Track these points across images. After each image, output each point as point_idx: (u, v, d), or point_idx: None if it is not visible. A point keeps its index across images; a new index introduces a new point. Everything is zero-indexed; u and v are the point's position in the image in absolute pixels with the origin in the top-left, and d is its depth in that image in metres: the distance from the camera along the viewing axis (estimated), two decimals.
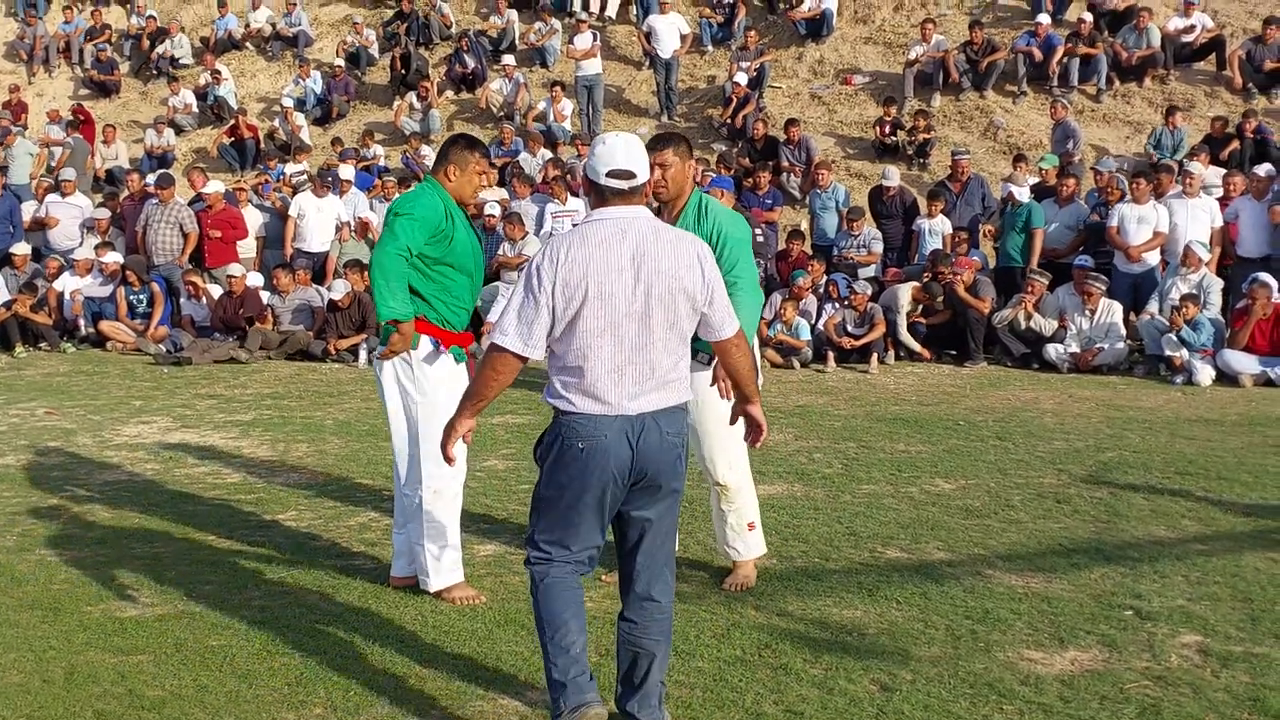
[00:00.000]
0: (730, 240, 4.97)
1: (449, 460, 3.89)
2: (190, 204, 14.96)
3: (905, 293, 12.37)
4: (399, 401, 5.10)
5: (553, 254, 3.63)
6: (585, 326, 3.60)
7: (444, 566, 5.09)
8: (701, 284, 3.68)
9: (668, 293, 3.62)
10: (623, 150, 3.68)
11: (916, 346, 12.25)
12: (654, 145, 4.95)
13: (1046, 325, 11.76)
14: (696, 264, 3.68)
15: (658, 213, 5.05)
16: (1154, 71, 16.70)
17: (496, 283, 13.14)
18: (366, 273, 5.20)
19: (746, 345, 3.97)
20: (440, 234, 4.97)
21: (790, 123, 16.12)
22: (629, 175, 3.66)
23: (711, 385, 4.89)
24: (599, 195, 3.71)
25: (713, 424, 5.17)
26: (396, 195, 12.00)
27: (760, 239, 12.93)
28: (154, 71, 22.22)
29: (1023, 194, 12.70)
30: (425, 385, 5.02)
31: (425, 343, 5.01)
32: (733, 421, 4.12)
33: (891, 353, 12.16)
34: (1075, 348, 11.60)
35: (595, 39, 18.45)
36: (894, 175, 14.12)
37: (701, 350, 4.89)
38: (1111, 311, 11.68)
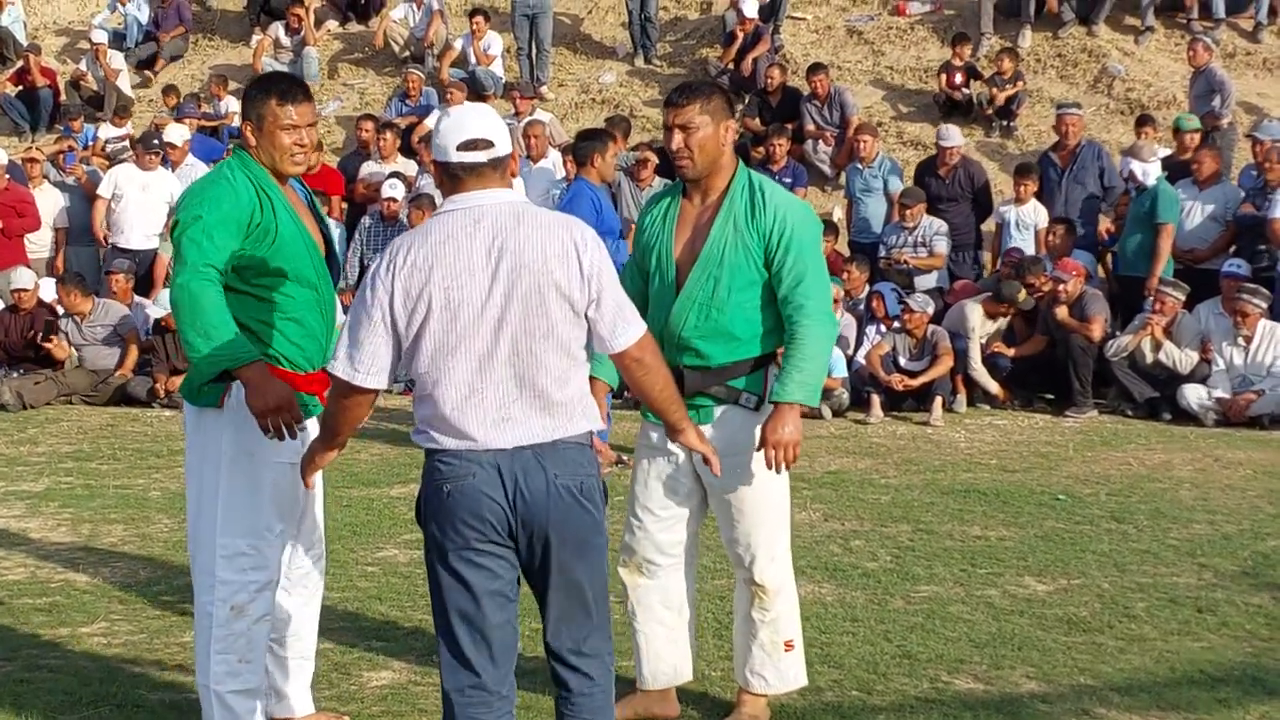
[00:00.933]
0: (796, 243, 4.97)
1: (307, 486, 4.41)
2: None
3: (976, 312, 12.44)
4: (199, 464, 4.96)
5: (390, 258, 4.02)
6: (434, 343, 3.98)
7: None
8: (579, 279, 4.00)
9: (534, 291, 3.96)
10: (473, 116, 4.11)
11: (994, 387, 12.33)
12: (673, 99, 5.04)
13: (1183, 359, 11.83)
14: (571, 252, 4.01)
15: (687, 197, 5.16)
16: None
17: None
18: None
19: (656, 357, 4.29)
20: (254, 230, 4.81)
21: (815, 69, 16.23)
22: (485, 144, 4.04)
23: (758, 449, 4.98)
24: (450, 179, 4.09)
25: (752, 498, 5.18)
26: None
27: None
28: None
29: (1148, 173, 12.75)
30: (234, 440, 4.83)
31: (238, 389, 4.78)
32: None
33: (962, 396, 12.24)
34: (1223, 391, 11.69)
35: None
36: (954, 135, 14.25)
37: (748, 390, 5.05)
38: (1275, 340, 11.78)
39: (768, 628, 5.27)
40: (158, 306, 13.35)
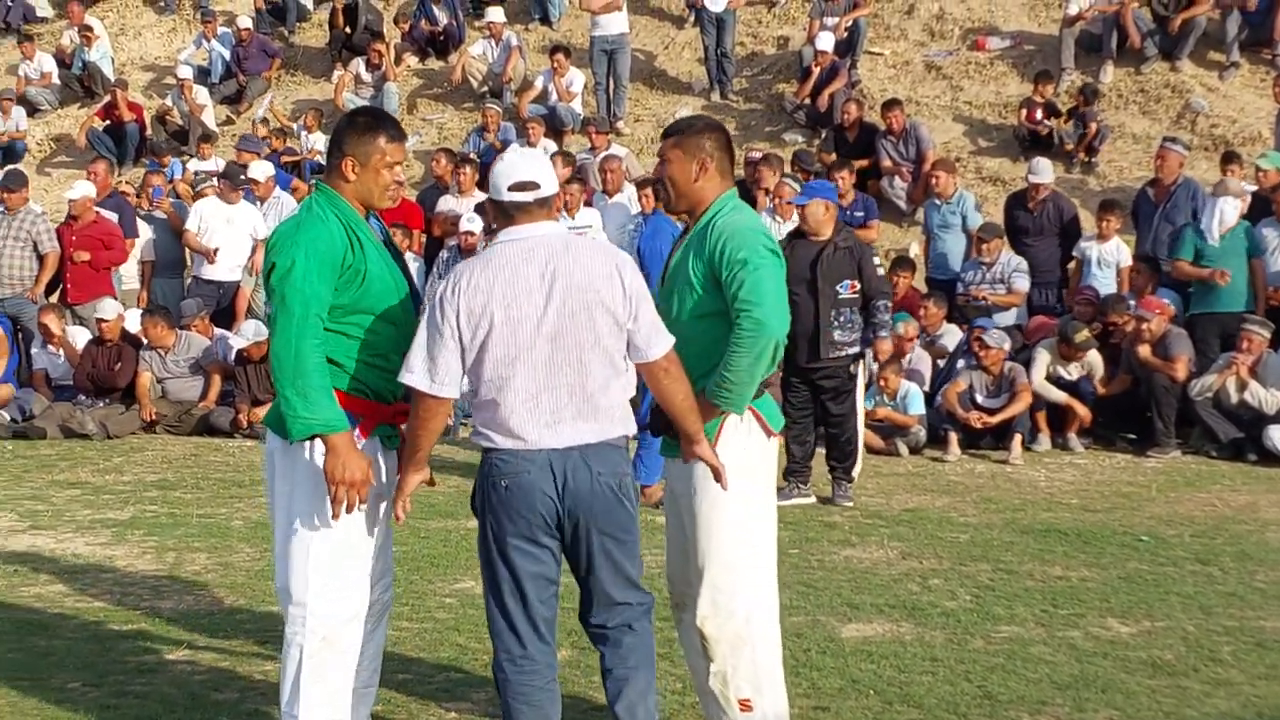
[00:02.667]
0: (732, 259, 4.98)
1: (398, 518, 4.86)
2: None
3: (1044, 358, 12.34)
4: (287, 497, 4.99)
5: (454, 281, 4.59)
6: (495, 355, 4.55)
7: None
8: (622, 296, 4.60)
9: (583, 308, 4.55)
10: (523, 161, 4.72)
11: (1061, 396, 12.18)
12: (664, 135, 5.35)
13: (1268, 399, 11.73)
14: (614, 274, 4.61)
15: (685, 232, 5.34)
16: None
17: None
18: None
19: (680, 369, 4.81)
20: (346, 272, 4.85)
21: (891, 104, 16.22)
22: (532, 186, 4.63)
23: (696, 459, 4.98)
24: (504, 215, 4.70)
25: (697, 535, 5.11)
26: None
27: None
28: (2, 26, 22.65)
29: (1232, 210, 12.66)
30: (322, 479, 4.84)
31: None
32: (685, 461, 5.02)
33: (1045, 435, 12.16)
34: None
35: None
36: (1045, 170, 14.15)
37: (730, 406, 5.00)
38: None
39: (716, 679, 5.11)
40: (239, 338, 13.50)
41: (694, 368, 4.92)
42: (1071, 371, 12.28)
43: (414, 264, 14.39)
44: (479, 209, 14.97)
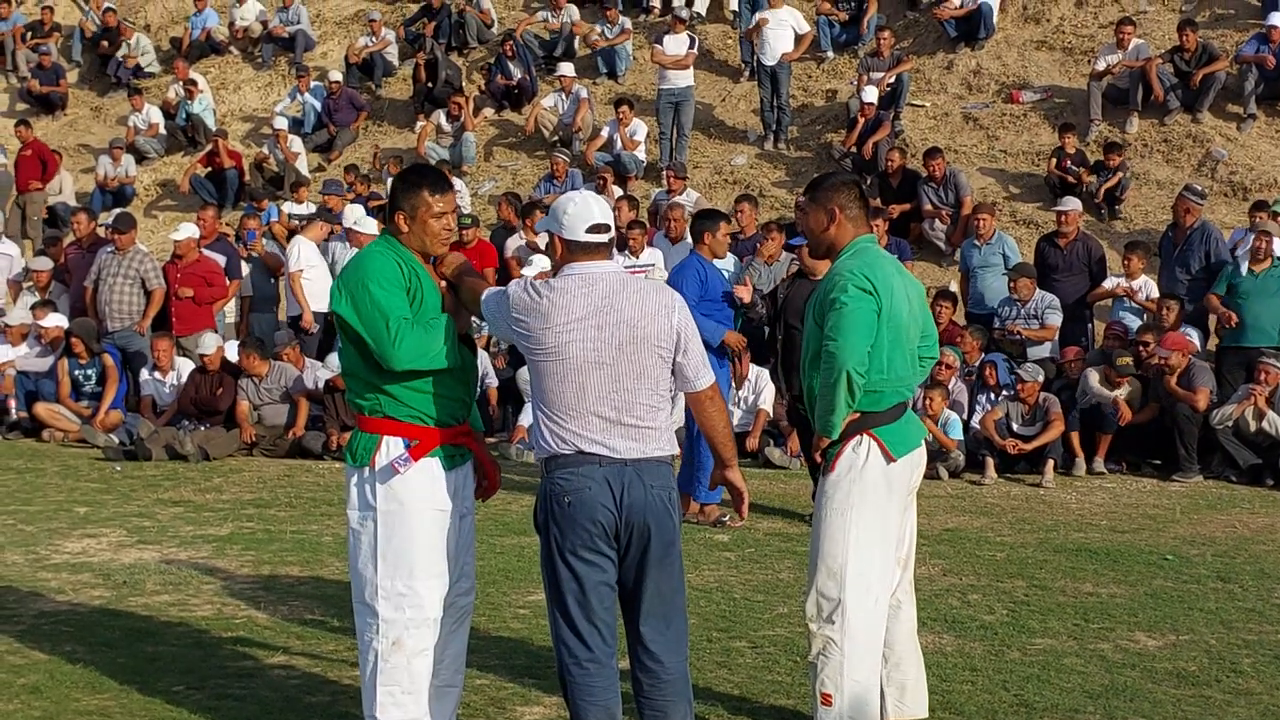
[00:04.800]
0: (827, 303, 5.23)
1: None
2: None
3: (1094, 375, 12.37)
4: (358, 513, 5.10)
5: (527, 293, 4.73)
6: (554, 380, 4.72)
7: None
8: (669, 333, 4.79)
9: (632, 342, 4.71)
10: (597, 205, 4.85)
11: (1110, 395, 12.16)
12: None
13: None
14: (663, 313, 4.79)
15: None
16: None
17: None
18: None
19: (721, 400, 5.06)
20: (409, 294, 5.00)
21: (932, 153, 16.23)
22: (605, 229, 4.82)
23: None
24: (572, 251, 4.82)
25: (813, 530, 5.36)
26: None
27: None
28: (111, 82, 22.97)
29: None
30: (388, 493, 5.01)
31: (389, 446, 5.01)
32: (711, 487, 5.39)
33: (1081, 460, 12.09)
34: None
35: (692, 44, 18.77)
36: (1073, 202, 14.33)
37: (820, 429, 5.21)
38: None
39: (810, 669, 5.30)
40: (327, 369, 13.61)
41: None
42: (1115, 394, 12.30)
43: None
44: (546, 249, 15.05)
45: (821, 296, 5.25)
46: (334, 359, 13.20)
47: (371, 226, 14.59)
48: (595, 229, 4.78)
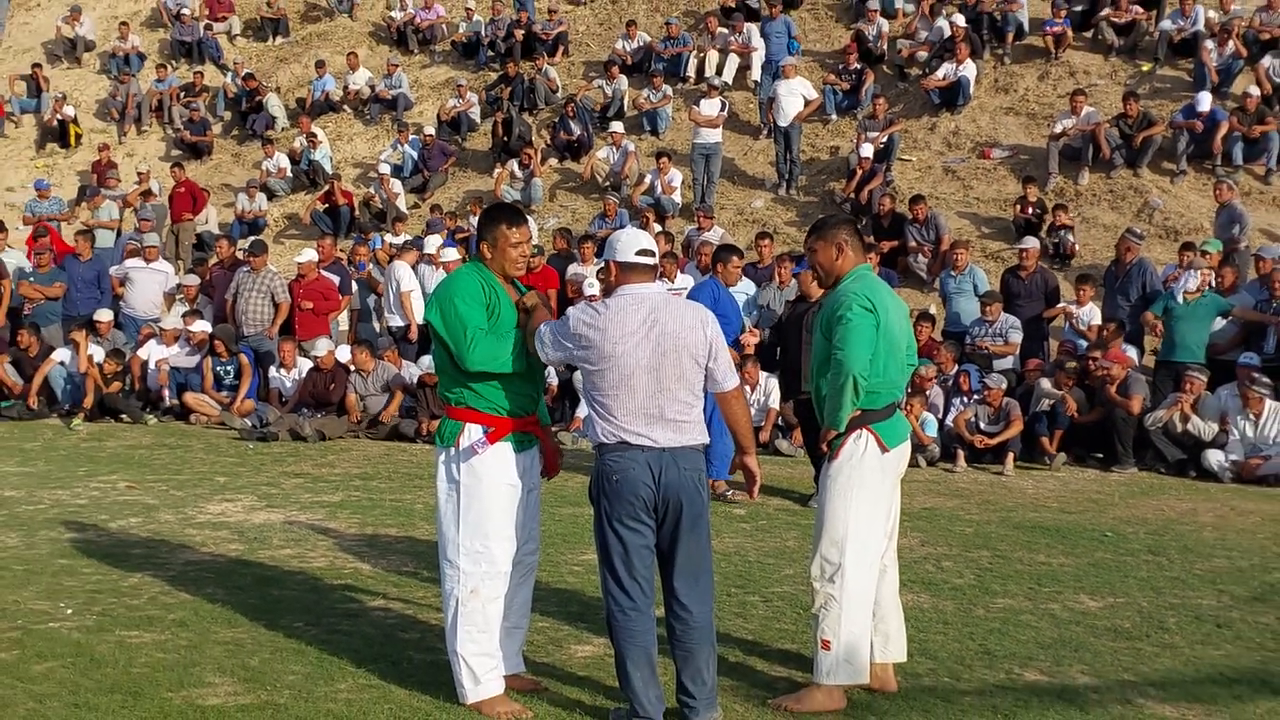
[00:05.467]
0: (834, 319, 5.25)
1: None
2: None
3: (1047, 382, 12.32)
4: (445, 485, 5.17)
5: (585, 314, 4.81)
6: (606, 382, 4.76)
7: (480, 677, 5.10)
8: (704, 343, 4.84)
9: (673, 350, 4.76)
10: (644, 235, 4.97)
11: (1058, 393, 12.09)
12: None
13: (1206, 429, 11.56)
14: (699, 326, 4.84)
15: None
16: None
17: None
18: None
19: (744, 399, 5.09)
20: (487, 310, 5.09)
21: (916, 199, 16.18)
22: (651, 254, 4.90)
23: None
24: (624, 273, 4.88)
25: (818, 505, 5.36)
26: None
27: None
28: (248, 133, 23.16)
29: (1194, 282, 12.57)
30: (468, 469, 5.08)
31: (471, 431, 5.09)
32: (731, 472, 5.46)
33: (1057, 455, 12.00)
34: (1238, 455, 11.38)
35: (723, 107, 18.77)
36: (1031, 240, 14.31)
37: (829, 423, 5.22)
38: (1278, 416, 11.44)
39: (812, 619, 5.30)
40: (418, 367, 13.65)
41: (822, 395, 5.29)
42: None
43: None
44: (600, 274, 15.12)
45: (829, 314, 5.25)
46: (425, 359, 13.28)
47: (452, 254, 14.67)
48: (643, 253, 4.87)
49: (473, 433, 5.09)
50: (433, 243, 15.74)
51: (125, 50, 24.90)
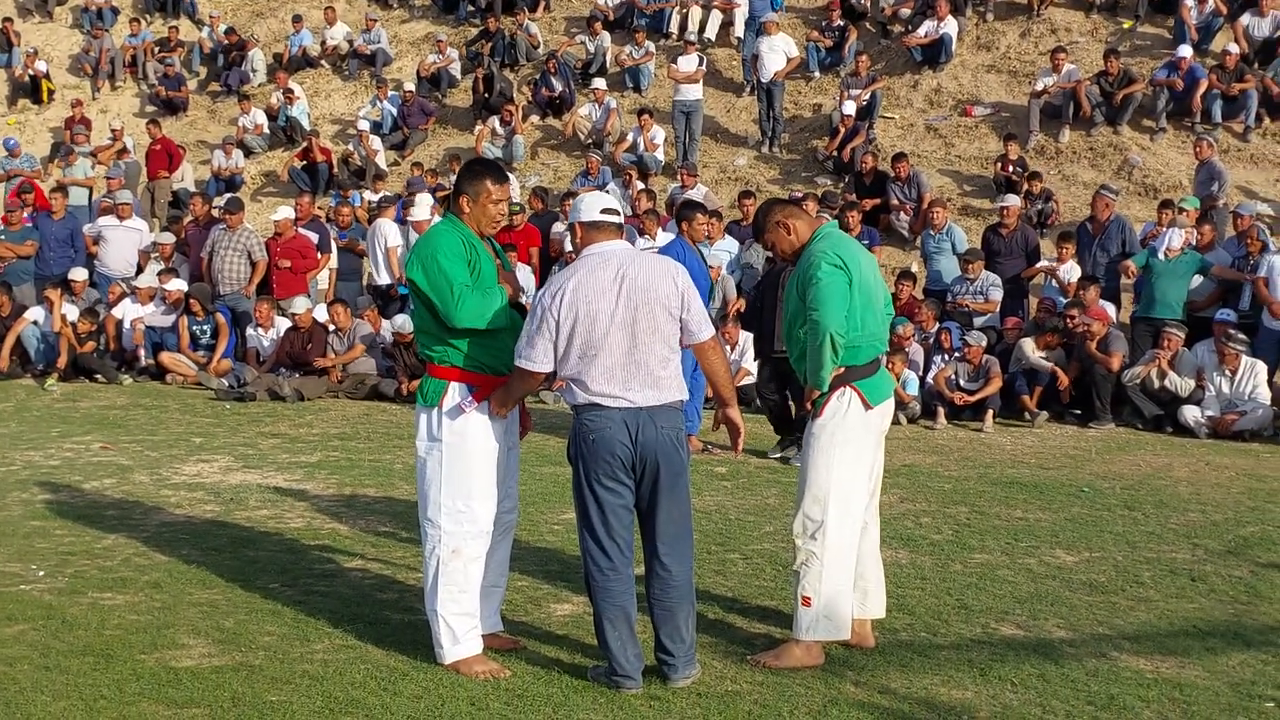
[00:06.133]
0: (806, 280, 5.21)
1: (500, 413, 5.00)
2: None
3: (1029, 344, 12.30)
4: (426, 444, 5.12)
5: (552, 285, 4.77)
6: (581, 341, 4.70)
7: (460, 636, 5.09)
8: (676, 295, 4.78)
9: (646, 305, 4.72)
10: (607, 196, 4.97)
11: (1047, 365, 12.05)
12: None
13: (1182, 385, 11.59)
14: (670, 279, 4.79)
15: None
16: None
17: None
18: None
19: (721, 350, 5.05)
20: (470, 266, 5.04)
21: (898, 157, 16.13)
22: (616, 212, 4.90)
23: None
24: (589, 232, 4.86)
25: (801, 462, 5.35)
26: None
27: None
28: (224, 89, 22.93)
29: (1177, 239, 12.49)
30: (452, 428, 5.05)
31: (455, 391, 5.05)
32: (714, 427, 5.44)
33: (1043, 415, 11.98)
34: (1214, 411, 11.42)
35: (701, 63, 18.65)
36: (1012, 198, 14.25)
37: (811, 383, 5.21)
38: (1255, 373, 11.48)
39: (793, 576, 5.28)
40: (394, 326, 13.55)
41: (800, 356, 5.26)
42: (1045, 357, 12.23)
43: (524, 272, 14.45)
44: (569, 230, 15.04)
45: (801, 275, 5.22)
46: (398, 319, 13.19)
47: (424, 212, 14.51)
48: (608, 210, 4.88)
49: (457, 391, 5.05)
50: (423, 204, 15.38)
51: (98, 4, 24.63)
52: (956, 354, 12.33)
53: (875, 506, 5.50)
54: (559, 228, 15.62)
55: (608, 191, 12.52)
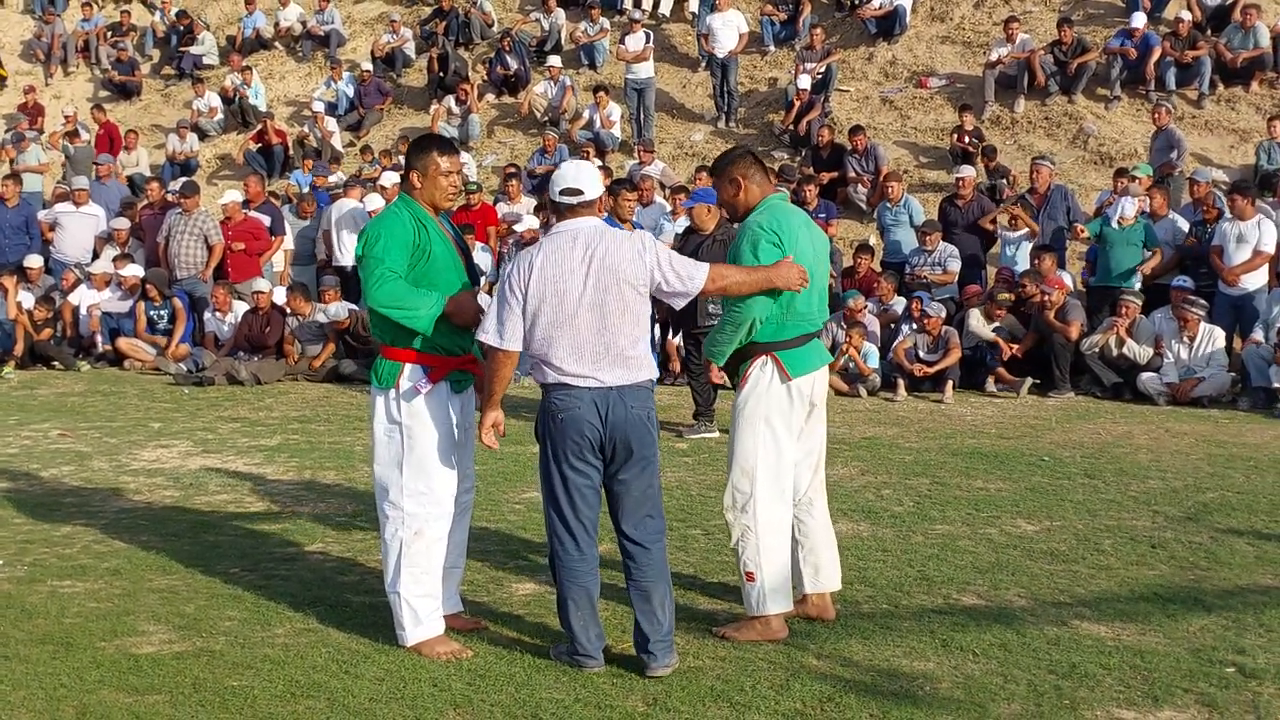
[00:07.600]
0: (737, 255, 5.16)
1: (490, 445, 4.86)
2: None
3: (975, 315, 12.32)
4: (384, 427, 5.05)
5: (518, 263, 4.71)
6: (548, 319, 4.61)
7: (422, 618, 5.04)
8: (643, 269, 4.65)
9: (614, 284, 4.61)
10: (572, 172, 4.76)
11: (991, 335, 12.12)
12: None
13: (1141, 352, 11.65)
14: (638, 255, 4.65)
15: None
16: (1262, 75, 16.51)
17: None
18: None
19: (724, 278, 4.86)
20: (416, 250, 4.93)
21: (855, 130, 16.13)
22: (576, 192, 4.71)
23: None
24: (556, 211, 4.78)
25: (730, 435, 5.29)
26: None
27: None
28: (177, 72, 22.65)
29: (1130, 207, 12.51)
30: (409, 410, 4.98)
31: (410, 372, 4.98)
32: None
33: (1027, 383, 11.97)
34: (1172, 377, 11.49)
35: (648, 40, 18.56)
36: (967, 170, 14.30)
37: (711, 357, 5.24)
38: (1213, 339, 11.56)
39: (733, 554, 5.26)
40: (330, 315, 13.42)
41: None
42: (997, 328, 12.27)
43: (484, 254, 14.37)
44: (538, 209, 14.97)
45: (736, 245, 5.13)
46: (332, 307, 13.08)
47: (375, 199, 14.39)
48: (567, 192, 4.72)
49: (413, 373, 4.98)
50: (389, 178, 15.07)
51: None
52: (915, 325, 12.34)
53: (821, 481, 5.45)
54: (504, 209, 15.57)
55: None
